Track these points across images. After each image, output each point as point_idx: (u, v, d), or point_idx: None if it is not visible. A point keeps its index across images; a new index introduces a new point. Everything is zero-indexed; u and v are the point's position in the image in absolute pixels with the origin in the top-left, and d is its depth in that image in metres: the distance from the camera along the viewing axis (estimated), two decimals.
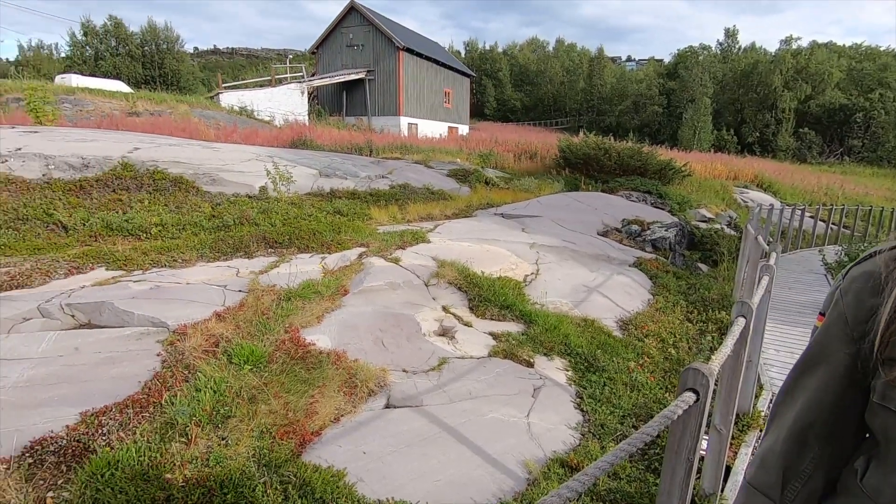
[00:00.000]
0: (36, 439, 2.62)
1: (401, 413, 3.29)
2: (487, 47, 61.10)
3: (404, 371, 3.79)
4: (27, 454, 2.55)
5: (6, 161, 7.15)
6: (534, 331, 4.62)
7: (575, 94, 53.87)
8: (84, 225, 6.01)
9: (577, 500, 2.63)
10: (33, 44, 51.54)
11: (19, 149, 7.65)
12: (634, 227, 9.12)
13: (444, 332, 4.48)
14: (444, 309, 4.90)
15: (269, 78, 28.41)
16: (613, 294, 5.96)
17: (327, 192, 9.16)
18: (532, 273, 6.14)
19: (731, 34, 52.95)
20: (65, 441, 2.66)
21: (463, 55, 57.91)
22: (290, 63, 32.35)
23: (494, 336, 4.51)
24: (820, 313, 0.86)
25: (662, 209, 11.57)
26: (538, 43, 63.71)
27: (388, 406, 3.36)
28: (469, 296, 5.19)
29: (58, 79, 21.97)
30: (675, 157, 18.03)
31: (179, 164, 8.31)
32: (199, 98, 23.55)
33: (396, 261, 5.58)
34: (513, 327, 4.73)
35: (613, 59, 68.25)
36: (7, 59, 41.83)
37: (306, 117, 25.85)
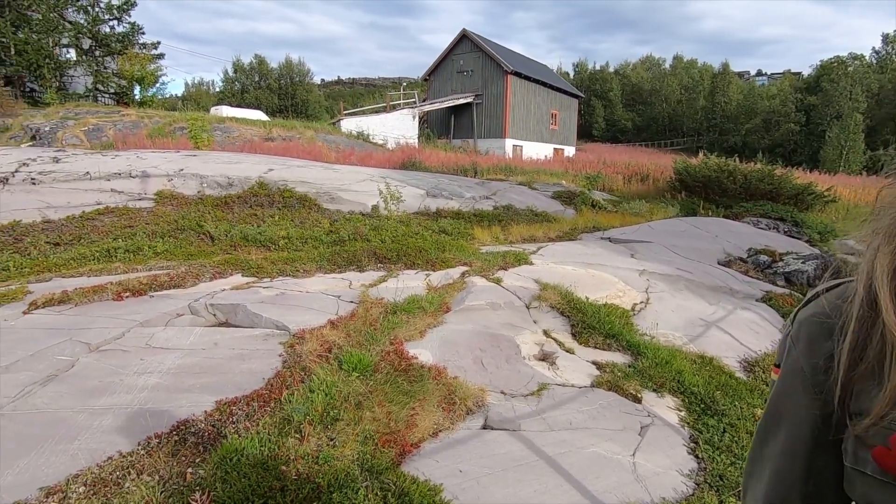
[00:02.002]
0: (181, 420, 3.02)
1: (498, 435, 3.26)
2: (598, 67, 59.72)
3: (502, 393, 3.75)
4: (174, 432, 2.95)
5: (172, 180, 8.47)
6: (642, 363, 4.33)
7: (694, 113, 50.37)
8: (226, 236, 6.87)
9: None
10: (195, 81, 60.87)
11: (181, 169, 9.02)
12: (763, 258, 8.19)
13: (545, 357, 4.37)
14: (545, 333, 4.79)
15: (384, 104, 30.47)
16: (736, 331, 5.38)
17: (433, 211, 9.51)
18: (641, 302, 5.78)
19: (890, 40, 46.03)
20: (202, 425, 3.03)
21: (572, 76, 57.18)
22: (403, 90, 34.44)
23: (598, 365, 4.30)
24: (775, 365, 0.74)
25: (798, 238, 10.28)
26: (653, 61, 60.86)
27: (485, 427, 3.34)
28: (572, 321, 5.02)
29: (212, 110, 25.61)
30: (816, 180, 15.97)
31: (305, 184, 9.19)
32: (322, 124, 25.94)
33: (498, 281, 5.59)
34: (618, 358, 4.48)
35: (740, 75, 62.76)
36: (175, 94, 49.96)
37: (416, 140, 27.22)
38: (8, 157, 9.17)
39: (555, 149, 33.62)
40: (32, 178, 8.15)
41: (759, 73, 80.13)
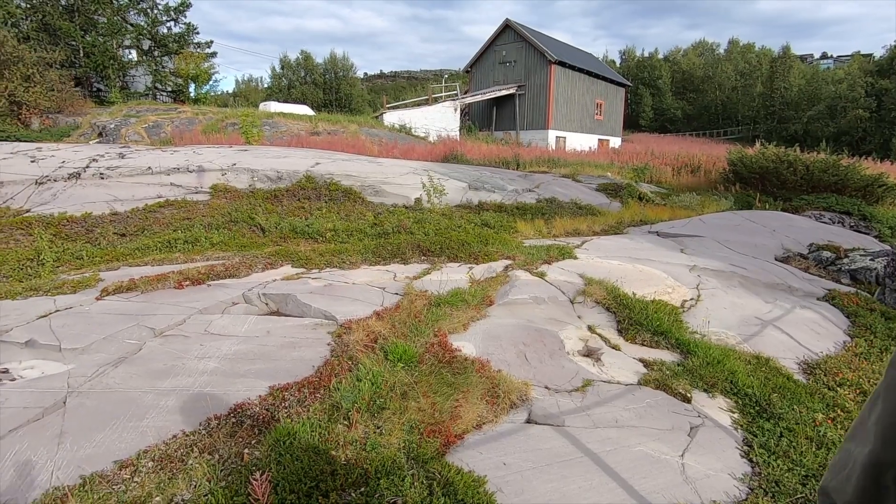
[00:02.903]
0: (238, 403, 3.18)
1: (542, 430, 3.25)
2: (646, 54, 57.53)
3: (546, 388, 3.73)
4: (231, 415, 3.11)
5: (225, 174, 8.85)
6: (692, 362, 4.19)
7: (750, 100, 47.73)
8: (276, 228, 7.13)
9: None
10: (245, 78, 63.09)
11: (234, 164, 9.40)
12: (826, 254, 7.71)
13: (589, 353, 4.30)
14: (590, 329, 4.72)
15: (426, 97, 30.57)
16: (795, 330, 5.11)
17: (475, 204, 9.50)
18: (691, 299, 5.58)
19: None
20: (257, 409, 3.18)
21: (618, 64, 55.38)
22: (445, 82, 34.42)
23: (645, 363, 4.20)
24: None
25: (866, 234, 9.60)
26: (706, 46, 58.01)
27: (528, 421, 3.34)
28: (618, 317, 4.91)
29: (261, 106, 26.49)
30: (888, 171, 14.83)
31: (350, 177, 9.39)
32: (366, 118, 26.34)
33: (542, 275, 5.54)
34: (667, 356, 4.35)
35: (803, 58, 58.84)
36: (226, 91, 52.06)
37: (458, 133, 27.18)
38: (80, 154, 9.84)
39: (599, 140, 32.74)
40: (101, 173, 8.72)
41: (824, 56, 74.91)
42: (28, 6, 23.86)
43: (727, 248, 7.70)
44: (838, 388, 4.11)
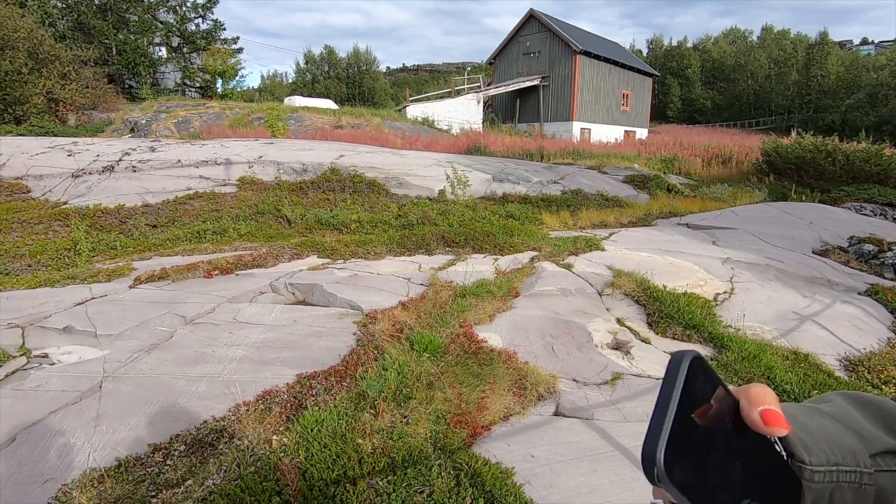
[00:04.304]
0: (266, 390, 3.21)
1: (570, 423, 3.19)
2: (675, 43, 55.93)
3: (574, 381, 3.66)
4: (260, 401, 3.14)
5: (252, 166, 8.96)
6: (726, 357, 4.05)
7: (784, 89, 46.00)
8: (302, 219, 7.20)
9: None
10: (270, 73, 63.92)
11: (260, 157, 9.52)
12: (868, 247, 7.37)
13: (619, 346, 4.20)
14: (619, 321, 4.61)
15: (448, 90, 30.42)
16: (835, 326, 4.90)
17: (500, 196, 9.41)
18: (725, 292, 5.40)
19: None
20: (285, 396, 3.21)
21: (645, 54, 54.03)
22: (468, 75, 34.17)
23: None
24: None
25: None
26: (738, 33, 56.10)
27: (556, 413, 3.28)
28: (648, 310, 4.79)
29: (286, 100, 26.80)
30: None
31: (374, 169, 9.40)
32: (389, 111, 26.37)
33: (569, 267, 5.44)
34: (699, 350, 4.21)
35: (841, 45, 56.35)
36: (252, 86, 52.86)
37: (481, 125, 26.99)
38: (113, 148, 10.12)
39: (626, 131, 32.07)
40: (133, 166, 8.95)
41: (865, 42, 71.59)
42: (64, 6, 24.63)
43: (761, 241, 7.44)
44: (883, 387, 3.92)
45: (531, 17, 30.26)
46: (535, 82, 29.64)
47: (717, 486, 0.35)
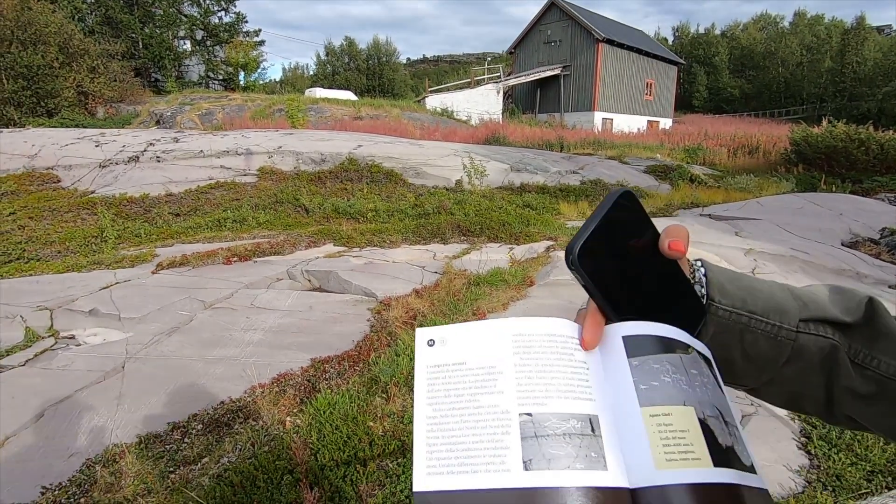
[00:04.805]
0: (281, 373, 3.28)
1: None
2: (702, 30, 54.37)
3: None
4: (275, 384, 3.21)
5: (272, 157, 9.08)
6: None
7: (817, 77, 44.33)
8: (320, 208, 7.27)
9: None
10: (291, 66, 64.49)
11: (280, 147, 9.63)
12: None
13: None
14: None
15: (468, 80, 30.21)
16: None
17: (517, 186, 9.34)
18: None
19: None
20: (299, 379, 3.27)
21: (671, 42, 52.70)
22: (488, 65, 33.86)
23: None
24: None
25: None
26: (768, 19, 54.20)
27: None
28: None
29: (307, 92, 27.00)
30: None
31: (391, 159, 9.43)
32: (408, 102, 26.35)
33: None
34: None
35: (879, 29, 53.93)
36: (274, 79, 53.46)
37: (500, 116, 26.77)
38: (138, 139, 10.37)
39: (649, 121, 31.41)
40: (157, 157, 9.16)
41: None
42: (93, 1, 25.22)
43: (787, 232, 7.23)
44: None
45: (552, 5, 29.76)
46: (556, 72, 29.21)
47: (627, 291, 0.43)
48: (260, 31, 30.81)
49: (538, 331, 0.39)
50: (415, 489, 0.34)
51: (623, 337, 0.40)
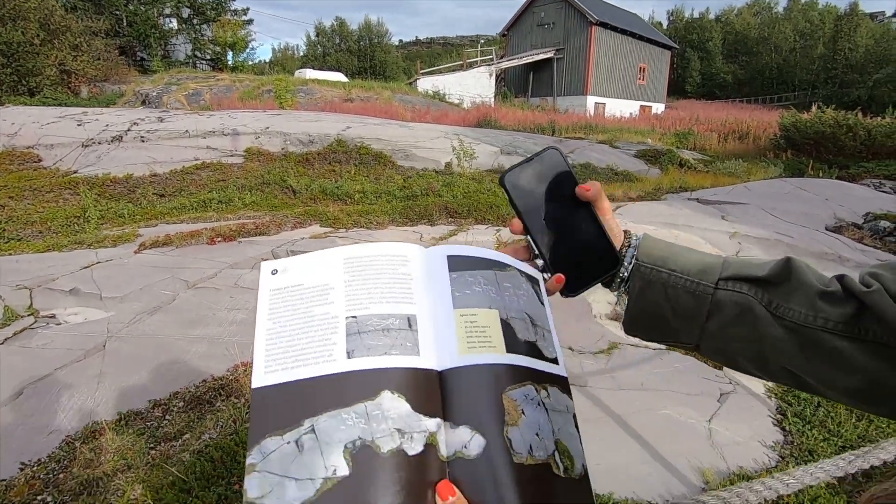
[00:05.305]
0: None
1: None
2: (696, 15, 54.01)
3: (570, 349, 3.67)
4: None
5: (259, 137, 8.95)
6: None
7: (809, 63, 44.36)
8: (307, 189, 7.21)
9: None
10: (281, 46, 63.26)
11: (267, 128, 9.49)
12: (883, 224, 7.19)
13: (617, 317, 4.19)
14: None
15: (460, 63, 29.85)
16: None
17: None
18: None
19: None
20: None
21: (665, 26, 52.33)
22: (481, 48, 33.45)
23: None
24: None
25: None
26: (763, 4, 53.90)
27: None
28: None
29: (297, 73, 26.56)
30: None
31: (380, 141, 9.33)
32: (399, 84, 26.02)
33: None
34: None
35: (872, 16, 53.85)
36: (263, 60, 52.40)
37: (492, 99, 26.54)
38: (122, 118, 10.16)
39: (641, 106, 31.32)
40: (142, 137, 8.99)
41: None
42: None
43: (773, 216, 7.30)
44: None
45: None
46: (549, 55, 28.93)
47: (548, 227, 0.54)
48: (248, 9, 30.11)
49: (367, 253, 0.46)
50: (253, 386, 0.39)
51: (447, 255, 0.48)
